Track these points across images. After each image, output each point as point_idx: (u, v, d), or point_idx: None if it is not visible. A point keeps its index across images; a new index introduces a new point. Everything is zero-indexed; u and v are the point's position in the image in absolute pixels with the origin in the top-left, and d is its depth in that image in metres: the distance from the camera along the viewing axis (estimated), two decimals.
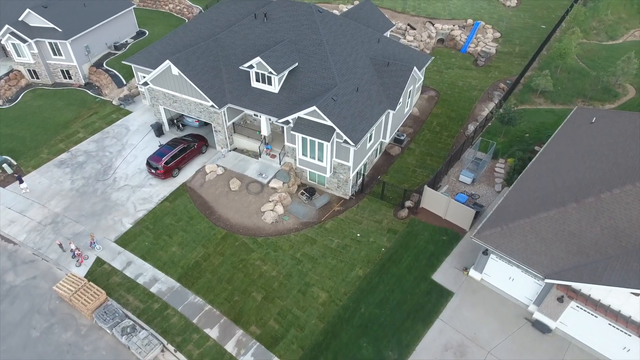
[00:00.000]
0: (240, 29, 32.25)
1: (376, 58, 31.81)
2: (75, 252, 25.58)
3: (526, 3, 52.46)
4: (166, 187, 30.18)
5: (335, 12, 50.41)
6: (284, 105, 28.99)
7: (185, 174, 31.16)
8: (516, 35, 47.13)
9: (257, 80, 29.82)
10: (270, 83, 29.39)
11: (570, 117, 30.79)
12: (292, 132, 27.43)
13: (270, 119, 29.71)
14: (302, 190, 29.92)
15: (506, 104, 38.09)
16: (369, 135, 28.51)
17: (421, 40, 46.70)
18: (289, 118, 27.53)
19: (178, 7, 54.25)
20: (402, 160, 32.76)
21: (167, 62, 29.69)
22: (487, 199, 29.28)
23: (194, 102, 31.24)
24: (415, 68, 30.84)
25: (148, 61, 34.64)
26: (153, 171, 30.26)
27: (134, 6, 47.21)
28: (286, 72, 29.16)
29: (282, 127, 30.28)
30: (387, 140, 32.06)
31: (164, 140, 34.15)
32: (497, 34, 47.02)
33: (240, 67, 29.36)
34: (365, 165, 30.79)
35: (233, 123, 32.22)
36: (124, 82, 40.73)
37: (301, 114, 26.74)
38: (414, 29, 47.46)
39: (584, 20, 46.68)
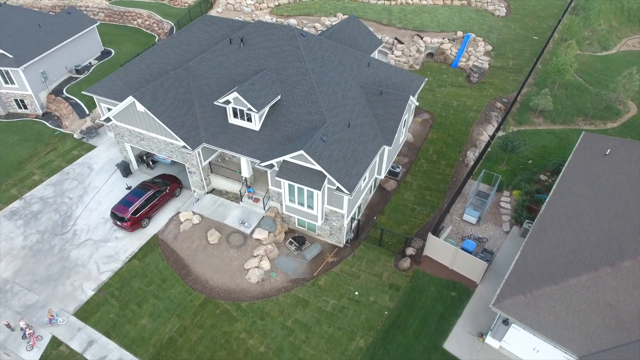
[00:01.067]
0: (214, 55, 28.41)
1: (367, 85, 28.41)
2: (27, 332, 21.54)
3: (516, 12, 49.91)
4: (134, 241, 26.23)
5: (318, 25, 46.87)
6: (266, 145, 25.36)
7: (157, 223, 27.23)
8: (508, 47, 44.43)
9: (235, 117, 26.11)
10: (250, 120, 25.71)
11: (580, 146, 28.03)
12: (277, 178, 23.85)
13: (251, 161, 26.04)
14: (290, 239, 26.38)
15: (504, 127, 35.33)
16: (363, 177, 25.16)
17: (410, 55, 43.56)
18: (274, 161, 23.96)
19: (147, 22, 49.83)
20: (399, 197, 29.51)
21: (131, 99, 25.73)
22: (496, 241, 26.28)
23: (163, 141, 27.32)
24: (410, 96, 27.63)
25: (111, 92, 30.50)
26: (119, 223, 26.28)
27: (98, 24, 42.68)
28: (267, 108, 25.54)
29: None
30: (383, 175, 28.76)
31: (132, 181, 30.11)
32: (489, 47, 44.23)
33: (215, 103, 25.59)
34: (359, 206, 27.47)
35: (209, 162, 28.44)
36: (87, 112, 36.35)
37: (287, 157, 23.19)
38: (402, 43, 44.30)
39: (577, 31, 44.34)
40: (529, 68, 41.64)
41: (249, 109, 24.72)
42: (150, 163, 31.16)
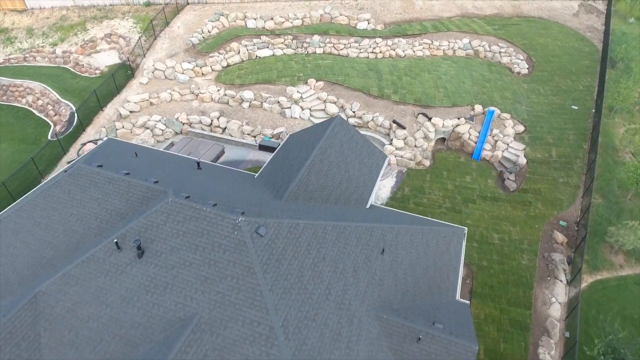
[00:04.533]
0: (88, 273, 13.94)
1: (387, 309, 14.77)
2: None
3: (540, 68, 37.19)
4: None
5: (283, 100, 32.52)
6: None
7: None
8: (545, 126, 31.65)
9: None
10: None
11: None
12: None
13: None
14: None
15: (575, 278, 22.64)
16: None
17: (415, 146, 30.12)
18: None
19: (40, 102, 33.95)
20: None
21: None
22: None
23: None
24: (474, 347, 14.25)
25: None
26: None
27: None
28: None
29: None
30: None
31: None
32: (520, 127, 31.31)
33: None
34: None
35: None
36: None
37: None
38: (403, 127, 30.73)
39: (629, 97, 32.18)
40: (579, 160, 29.09)
41: None
42: None
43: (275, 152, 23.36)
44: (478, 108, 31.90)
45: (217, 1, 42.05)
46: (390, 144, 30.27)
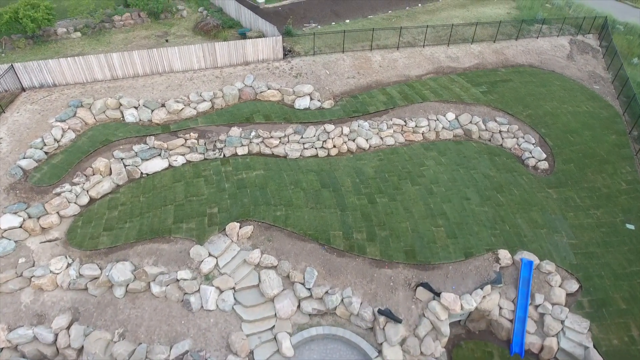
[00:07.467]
0: None
1: None
2: None
3: (562, 157, 25.31)
4: None
5: (185, 276, 17.73)
6: None
7: None
8: (605, 273, 19.95)
9: None
10: None
11: None
12: None
13: None
14: None
15: None
16: None
17: (422, 353, 17.00)
18: None
19: None
20: None
21: None
22: None
23: None
24: None
25: None
26: None
27: None
28: None
29: None
30: None
31: None
32: (573, 284, 19.24)
33: None
34: None
35: None
36: None
37: None
38: (398, 320, 17.59)
39: None
40: None
41: None
42: None
43: None
44: (504, 255, 19.52)
45: (72, 81, 26.18)
46: (379, 354, 17.07)
